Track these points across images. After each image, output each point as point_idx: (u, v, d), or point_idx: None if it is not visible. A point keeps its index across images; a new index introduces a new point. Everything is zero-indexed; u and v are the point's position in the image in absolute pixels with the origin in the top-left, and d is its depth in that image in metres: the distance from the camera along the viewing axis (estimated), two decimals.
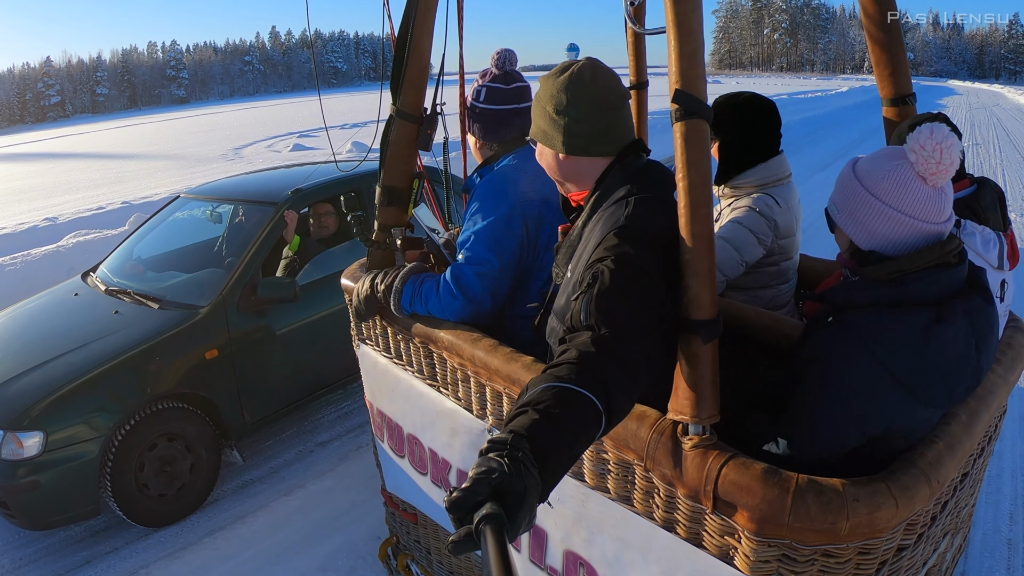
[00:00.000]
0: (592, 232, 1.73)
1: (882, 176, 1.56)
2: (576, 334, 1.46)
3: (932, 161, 1.50)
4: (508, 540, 0.99)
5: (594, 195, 1.79)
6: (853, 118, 24.14)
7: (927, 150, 1.49)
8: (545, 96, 1.80)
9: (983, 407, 1.71)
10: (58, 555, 3.70)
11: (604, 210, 1.73)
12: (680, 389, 1.52)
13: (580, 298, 1.52)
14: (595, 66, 1.78)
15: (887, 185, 1.54)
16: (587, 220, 1.79)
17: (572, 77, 1.76)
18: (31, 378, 3.63)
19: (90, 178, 18.21)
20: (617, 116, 1.79)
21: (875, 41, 2.40)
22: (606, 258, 1.55)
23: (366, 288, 2.53)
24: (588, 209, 1.80)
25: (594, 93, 1.75)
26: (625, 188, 1.72)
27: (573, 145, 1.78)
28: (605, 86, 1.76)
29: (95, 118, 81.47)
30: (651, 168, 1.80)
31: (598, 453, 1.75)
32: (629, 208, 1.65)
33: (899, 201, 1.54)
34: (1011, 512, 3.69)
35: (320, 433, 4.79)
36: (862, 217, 1.59)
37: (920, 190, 1.53)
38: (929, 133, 1.49)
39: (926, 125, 1.52)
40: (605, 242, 1.61)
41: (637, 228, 1.60)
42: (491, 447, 1.13)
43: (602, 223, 1.70)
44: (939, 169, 1.51)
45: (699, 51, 1.46)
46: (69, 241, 8.42)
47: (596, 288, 1.50)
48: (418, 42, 2.40)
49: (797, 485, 1.34)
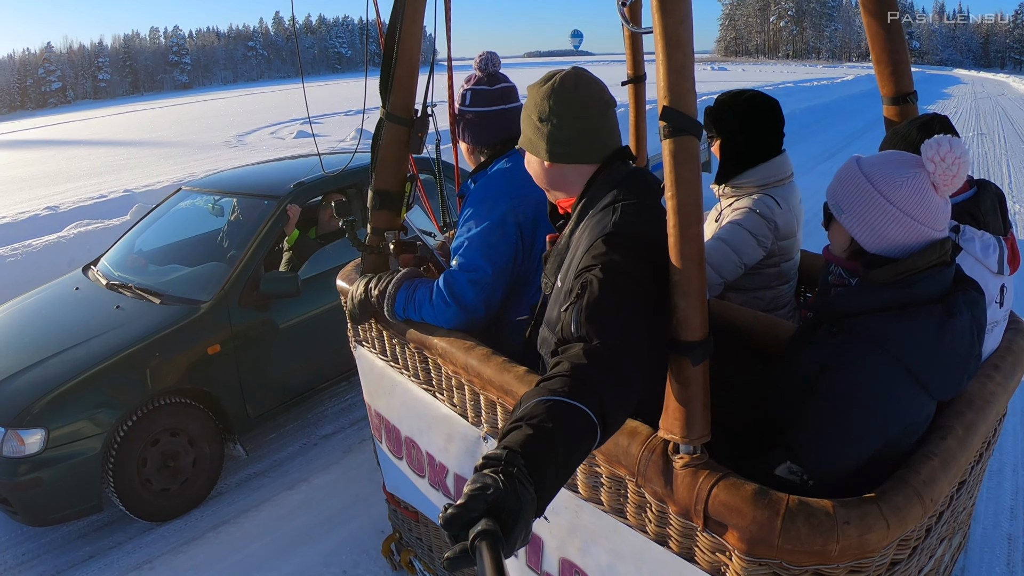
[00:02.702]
0: (580, 240, 1.73)
1: (900, 183, 1.56)
2: (568, 346, 1.46)
3: (949, 174, 1.53)
4: (504, 556, 0.99)
5: (580, 202, 1.79)
6: (858, 107, 23.94)
7: (947, 162, 1.52)
8: (531, 104, 1.80)
9: (980, 419, 1.69)
10: (61, 550, 3.72)
11: (591, 217, 1.73)
12: (671, 409, 1.50)
13: (570, 308, 1.52)
14: (579, 74, 1.79)
15: (905, 192, 1.55)
16: (574, 228, 1.79)
17: (555, 86, 1.76)
18: (32, 375, 3.64)
19: (91, 166, 18.20)
20: (600, 123, 1.78)
21: (876, 40, 2.37)
22: (594, 266, 1.55)
23: (360, 292, 2.52)
24: (575, 217, 1.80)
25: (577, 101, 1.75)
26: (611, 195, 1.72)
27: (556, 152, 1.78)
28: (588, 94, 1.76)
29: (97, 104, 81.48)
30: (637, 175, 1.79)
31: (591, 467, 1.74)
32: (616, 215, 1.65)
33: (915, 209, 1.55)
34: (1012, 507, 3.68)
35: (324, 426, 4.80)
36: (873, 221, 1.59)
37: (934, 199, 1.56)
38: (949, 146, 1.51)
39: (944, 137, 1.53)
40: (593, 249, 1.60)
41: (624, 234, 1.60)
42: (486, 463, 1.13)
43: (589, 230, 1.69)
44: (953, 182, 1.54)
45: (688, 65, 1.43)
46: (70, 231, 8.40)
47: (585, 298, 1.49)
48: (406, 44, 2.38)
49: (787, 507, 1.33)
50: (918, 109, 2.42)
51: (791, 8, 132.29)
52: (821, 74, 53.11)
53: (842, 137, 17.06)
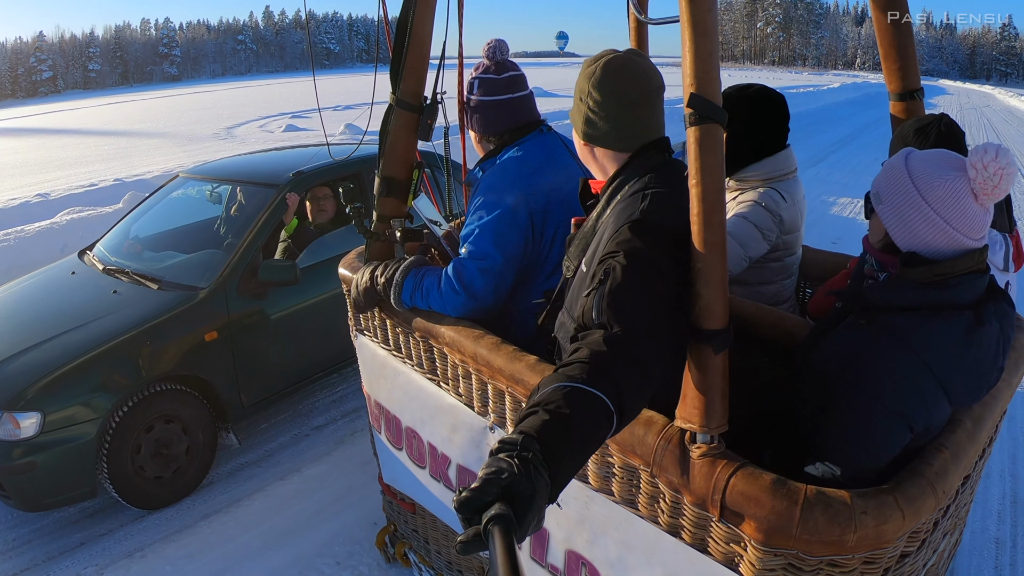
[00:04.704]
0: (607, 224, 1.72)
1: (938, 184, 1.53)
2: (588, 332, 1.46)
3: (990, 184, 1.48)
4: (516, 541, 0.99)
5: (609, 187, 1.78)
6: (844, 114, 24.10)
7: (989, 171, 1.47)
8: (580, 79, 1.80)
9: (988, 413, 1.71)
10: (52, 536, 3.69)
11: (620, 202, 1.72)
12: (689, 397, 1.50)
13: (592, 294, 1.51)
14: (626, 60, 1.75)
15: (941, 194, 1.52)
16: (602, 211, 1.78)
17: (599, 67, 1.74)
18: (28, 358, 3.60)
19: (82, 154, 18.05)
20: (637, 113, 1.75)
21: (884, 35, 2.38)
22: (618, 253, 1.54)
23: (365, 280, 2.50)
24: (604, 200, 1.79)
25: (615, 87, 1.73)
26: (642, 182, 1.70)
27: (589, 134, 1.79)
28: (628, 83, 1.73)
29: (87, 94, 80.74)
30: (670, 165, 1.77)
31: (603, 456, 1.74)
32: (645, 202, 1.63)
33: (948, 212, 1.52)
34: (999, 511, 3.71)
35: (315, 417, 4.78)
36: (908, 217, 1.57)
37: (970, 206, 1.52)
38: (995, 155, 1.47)
39: (992, 145, 1.49)
40: (618, 236, 1.59)
41: (651, 223, 1.58)
42: (501, 447, 1.13)
43: (616, 215, 1.69)
44: (994, 192, 1.50)
45: (715, 53, 1.43)
46: (62, 218, 8.36)
47: (608, 285, 1.49)
48: (418, 30, 2.36)
49: (806, 497, 1.33)
50: (924, 106, 2.43)
51: (779, 15, 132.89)
52: (807, 81, 53.27)
53: (828, 143, 17.16)
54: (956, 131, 2.15)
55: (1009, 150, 1.49)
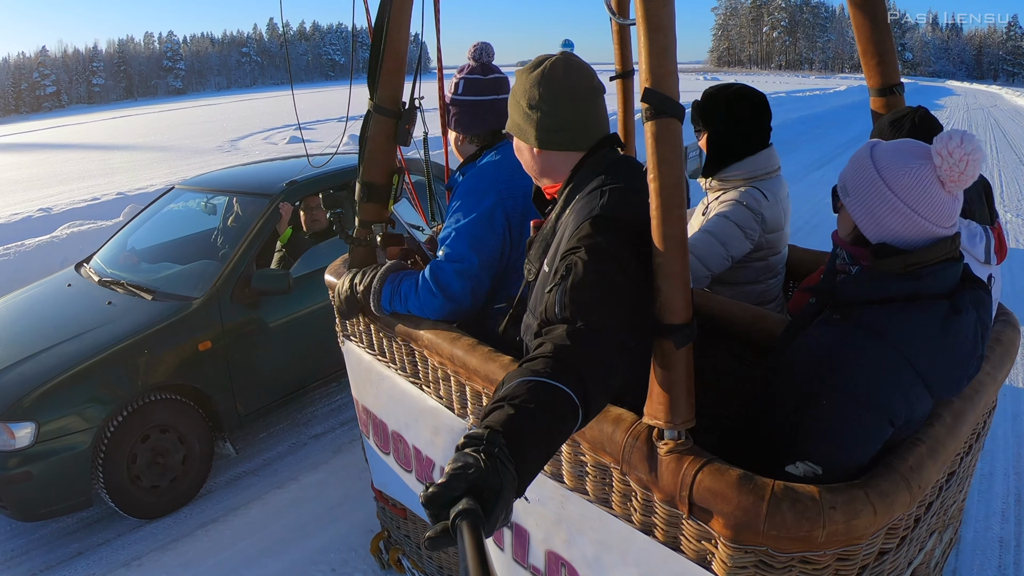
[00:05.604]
0: (566, 223, 1.72)
1: (903, 172, 1.52)
2: (551, 327, 1.46)
3: (956, 170, 1.47)
4: (484, 535, 0.99)
5: (567, 188, 1.78)
6: (851, 117, 23.96)
7: (954, 157, 1.46)
8: (519, 91, 1.80)
9: (968, 407, 1.69)
10: (50, 547, 3.69)
11: (578, 201, 1.72)
12: (654, 394, 1.50)
13: (554, 290, 1.51)
14: (568, 61, 1.78)
15: (907, 183, 1.51)
16: (560, 213, 1.78)
17: (544, 72, 1.75)
18: (23, 368, 3.62)
19: (85, 169, 18.17)
20: (589, 110, 1.78)
21: (861, 31, 2.37)
22: (579, 248, 1.54)
23: (345, 288, 2.52)
24: (561, 201, 1.79)
25: (566, 88, 1.74)
26: (599, 179, 1.71)
27: (545, 140, 1.78)
28: (578, 81, 1.75)
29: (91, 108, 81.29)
30: (624, 161, 1.79)
31: (576, 455, 1.73)
32: (604, 198, 1.64)
33: (915, 201, 1.51)
34: (1003, 510, 3.68)
35: (313, 426, 4.78)
36: (875, 208, 1.56)
37: (938, 194, 1.51)
38: (959, 141, 1.46)
39: (957, 131, 1.49)
40: (579, 232, 1.59)
41: (611, 217, 1.59)
42: (467, 442, 1.13)
43: (576, 213, 1.69)
44: (960, 179, 1.48)
45: (670, 48, 1.43)
46: (63, 232, 8.40)
47: (570, 280, 1.49)
48: (394, 35, 2.37)
49: (773, 492, 1.32)
50: (904, 100, 2.42)
51: (784, 19, 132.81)
52: (814, 84, 53.26)
53: (834, 146, 17.08)
54: (930, 122, 2.14)
55: (975, 136, 1.48)
